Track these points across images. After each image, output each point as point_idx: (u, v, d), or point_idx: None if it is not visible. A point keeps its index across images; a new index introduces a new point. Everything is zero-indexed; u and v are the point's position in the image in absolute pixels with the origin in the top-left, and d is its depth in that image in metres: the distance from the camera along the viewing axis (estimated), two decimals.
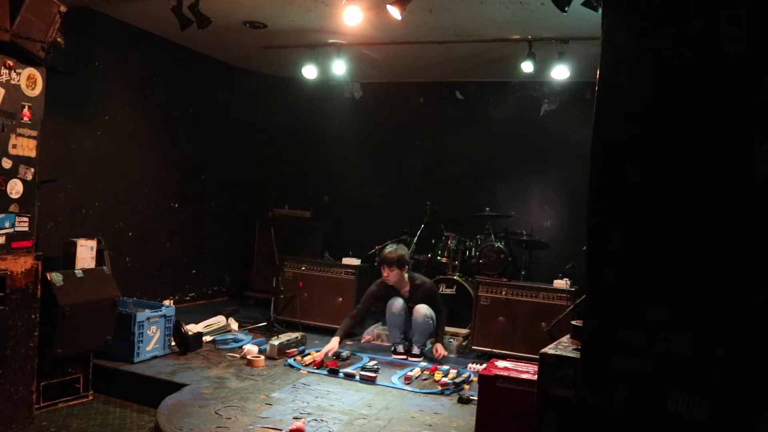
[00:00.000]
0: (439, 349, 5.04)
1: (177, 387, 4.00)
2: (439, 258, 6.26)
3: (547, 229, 6.79)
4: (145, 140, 6.23)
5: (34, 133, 3.56)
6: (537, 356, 2.41)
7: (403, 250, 5.24)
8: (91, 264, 4.31)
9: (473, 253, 6.15)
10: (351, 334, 5.71)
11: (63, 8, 3.54)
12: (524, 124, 6.98)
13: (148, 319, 4.53)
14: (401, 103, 7.56)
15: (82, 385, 4.08)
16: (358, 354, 5.13)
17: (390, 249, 5.25)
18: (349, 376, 4.43)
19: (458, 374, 4.53)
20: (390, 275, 5.16)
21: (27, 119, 3.51)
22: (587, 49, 5.34)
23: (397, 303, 5.15)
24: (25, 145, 3.51)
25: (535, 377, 2.42)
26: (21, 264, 3.49)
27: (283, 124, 7.55)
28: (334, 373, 4.50)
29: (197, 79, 6.80)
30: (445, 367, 4.70)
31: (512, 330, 5.13)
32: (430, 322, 5.10)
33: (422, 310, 5.10)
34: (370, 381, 4.35)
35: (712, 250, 1.81)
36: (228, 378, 4.26)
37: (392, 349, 5.22)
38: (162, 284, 6.45)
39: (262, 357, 4.71)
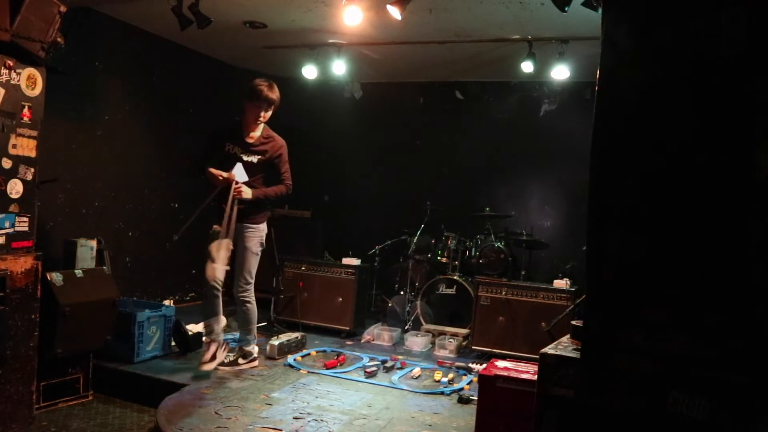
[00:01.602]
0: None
1: (177, 387, 4.00)
2: (439, 258, 6.26)
3: (547, 229, 6.79)
4: (145, 140, 6.23)
5: (34, 133, 3.56)
6: (537, 356, 2.41)
7: None
8: (91, 264, 4.31)
9: (473, 253, 6.15)
10: (352, 334, 5.74)
11: (63, 8, 3.54)
12: (524, 124, 6.98)
13: (148, 319, 4.53)
14: (401, 103, 7.56)
15: (82, 385, 4.08)
16: (358, 354, 5.13)
17: None
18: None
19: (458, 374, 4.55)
20: None
21: (27, 119, 3.51)
22: (587, 49, 5.34)
23: None
24: (25, 145, 3.51)
25: (535, 377, 2.42)
26: (21, 264, 3.49)
27: (283, 124, 7.53)
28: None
29: (197, 79, 6.79)
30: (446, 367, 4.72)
31: (512, 330, 5.13)
32: None
33: None
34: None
35: (712, 250, 1.81)
36: (228, 378, 4.26)
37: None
38: (162, 284, 6.45)
39: (262, 357, 4.71)
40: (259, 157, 4.41)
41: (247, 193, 4.26)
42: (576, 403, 2.08)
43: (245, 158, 4.36)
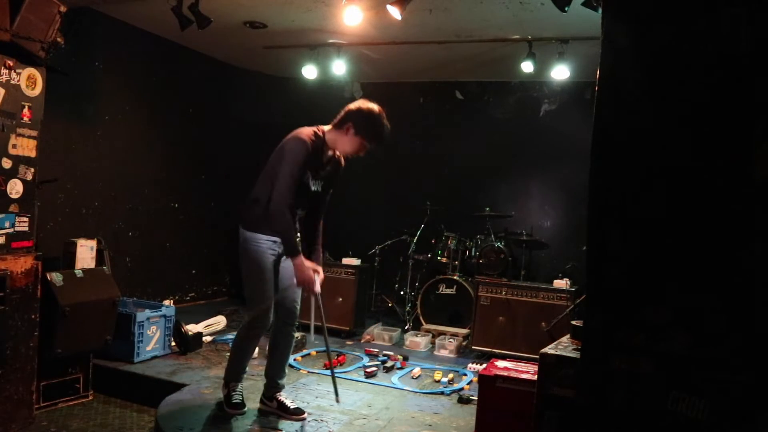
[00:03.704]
0: None
1: (177, 387, 4.00)
2: (439, 258, 6.26)
3: (547, 229, 6.80)
4: (145, 140, 6.23)
5: (34, 133, 3.56)
6: (537, 356, 2.41)
7: None
8: (91, 264, 4.31)
9: (473, 253, 6.15)
10: (352, 334, 5.74)
11: (63, 8, 3.54)
12: (524, 124, 6.99)
13: (148, 319, 4.53)
14: (401, 103, 7.55)
15: (82, 385, 4.08)
16: (358, 354, 5.13)
17: None
18: None
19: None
20: None
21: (27, 119, 3.51)
22: (587, 49, 5.34)
23: None
24: (25, 145, 3.51)
25: (535, 377, 2.42)
26: (21, 264, 3.49)
27: (284, 124, 7.53)
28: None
29: (197, 79, 6.80)
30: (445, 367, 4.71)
31: (512, 330, 5.13)
32: None
33: None
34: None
35: (713, 250, 1.81)
36: None
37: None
38: (162, 284, 6.45)
39: (262, 357, 4.70)
40: (323, 183, 3.53)
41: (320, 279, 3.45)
42: (576, 403, 2.08)
43: (312, 187, 3.41)
